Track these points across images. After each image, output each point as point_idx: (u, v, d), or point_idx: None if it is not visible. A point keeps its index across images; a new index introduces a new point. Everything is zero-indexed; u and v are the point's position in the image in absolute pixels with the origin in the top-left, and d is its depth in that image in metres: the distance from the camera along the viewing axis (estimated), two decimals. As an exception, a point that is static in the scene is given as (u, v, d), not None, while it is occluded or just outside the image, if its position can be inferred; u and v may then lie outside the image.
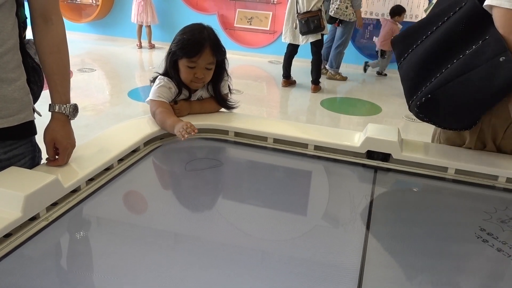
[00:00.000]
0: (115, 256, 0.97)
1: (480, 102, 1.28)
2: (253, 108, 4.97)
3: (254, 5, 7.29)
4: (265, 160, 1.55)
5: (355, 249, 1.03)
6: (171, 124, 1.46)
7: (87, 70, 6.08)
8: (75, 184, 1.14)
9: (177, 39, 1.58)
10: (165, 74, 1.63)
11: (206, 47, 1.53)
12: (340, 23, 6.00)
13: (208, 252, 1.01)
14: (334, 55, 6.29)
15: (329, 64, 6.39)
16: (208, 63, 1.57)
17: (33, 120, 1.23)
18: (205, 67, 1.57)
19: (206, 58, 1.55)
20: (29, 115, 1.20)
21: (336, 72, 6.39)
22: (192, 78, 1.57)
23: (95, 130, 3.96)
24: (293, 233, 1.11)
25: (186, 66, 1.56)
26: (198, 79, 1.58)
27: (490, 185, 1.37)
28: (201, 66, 1.56)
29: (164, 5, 7.57)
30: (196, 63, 1.55)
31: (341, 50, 6.23)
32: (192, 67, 1.55)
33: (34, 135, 1.26)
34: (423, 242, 1.12)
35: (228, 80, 1.72)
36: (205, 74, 1.58)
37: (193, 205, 1.18)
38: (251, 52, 7.34)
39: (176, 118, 1.49)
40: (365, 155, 1.48)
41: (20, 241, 0.95)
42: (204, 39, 1.54)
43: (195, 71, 1.56)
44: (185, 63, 1.56)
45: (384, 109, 5.13)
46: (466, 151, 1.54)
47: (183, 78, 1.59)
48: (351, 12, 5.83)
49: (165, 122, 1.49)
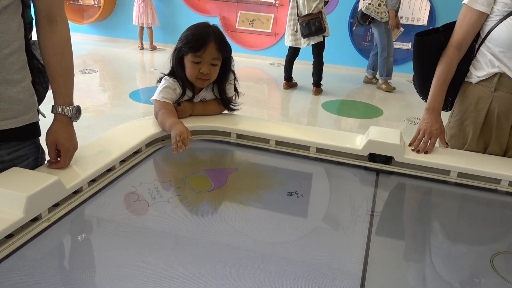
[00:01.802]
0: (117, 257, 0.97)
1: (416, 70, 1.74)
2: (254, 110, 4.97)
3: (256, 7, 7.30)
4: (267, 162, 1.54)
5: (357, 252, 1.03)
6: (169, 125, 1.46)
7: (88, 71, 6.09)
8: (77, 185, 1.14)
9: (182, 36, 1.59)
10: (170, 74, 1.63)
11: (210, 41, 1.54)
12: (371, 21, 5.64)
13: (209, 254, 1.00)
14: (380, 63, 5.84)
15: (379, 73, 5.96)
16: (213, 58, 1.56)
17: (37, 121, 1.23)
18: (211, 63, 1.57)
19: (211, 53, 1.55)
20: (33, 116, 1.19)
21: (385, 80, 5.91)
22: (197, 74, 1.57)
23: (96, 131, 3.96)
24: (295, 235, 1.11)
25: (192, 62, 1.56)
26: (204, 75, 1.58)
27: (492, 188, 1.37)
28: (206, 61, 1.56)
29: (166, 7, 7.58)
30: (201, 57, 1.55)
31: (386, 56, 5.73)
32: (197, 62, 1.55)
33: (38, 136, 1.25)
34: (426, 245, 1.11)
35: (234, 83, 1.72)
36: (211, 70, 1.58)
37: (194, 206, 1.18)
38: (252, 54, 7.34)
39: (175, 120, 1.49)
40: (367, 157, 1.48)
41: (22, 242, 0.95)
42: (208, 34, 1.54)
43: (200, 66, 1.56)
44: (190, 59, 1.56)
45: (385, 112, 5.12)
46: (469, 154, 1.54)
47: (189, 75, 1.59)
48: (383, 10, 5.49)
49: (164, 123, 1.49)
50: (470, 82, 1.61)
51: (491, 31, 1.50)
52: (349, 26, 6.72)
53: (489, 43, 1.52)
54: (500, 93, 1.54)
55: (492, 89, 1.54)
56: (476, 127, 1.60)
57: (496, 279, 0.97)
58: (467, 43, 1.57)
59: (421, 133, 1.55)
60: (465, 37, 1.55)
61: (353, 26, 6.48)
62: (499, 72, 1.52)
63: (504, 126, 1.56)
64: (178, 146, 1.36)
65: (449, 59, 1.58)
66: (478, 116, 1.59)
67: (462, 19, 1.56)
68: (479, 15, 1.52)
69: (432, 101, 1.60)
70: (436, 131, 1.56)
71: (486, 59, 1.54)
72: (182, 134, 1.38)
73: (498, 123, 1.56)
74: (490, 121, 1.58)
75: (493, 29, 1.50)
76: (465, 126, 1.64)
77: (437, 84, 1.59)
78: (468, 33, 1.55)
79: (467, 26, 1.54)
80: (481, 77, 1.57)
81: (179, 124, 1.45)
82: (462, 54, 1.59)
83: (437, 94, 1.59)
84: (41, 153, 1.29)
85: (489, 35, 1.52)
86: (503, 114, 1.55)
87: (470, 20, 1.53)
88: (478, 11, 1.51)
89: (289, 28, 5.43)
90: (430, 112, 1.60)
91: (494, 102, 1.55)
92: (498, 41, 1.49)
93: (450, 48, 1.58)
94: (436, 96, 1.59)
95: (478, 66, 1.58)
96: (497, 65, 1.51)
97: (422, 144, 1.50)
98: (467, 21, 1.54)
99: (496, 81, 1.53)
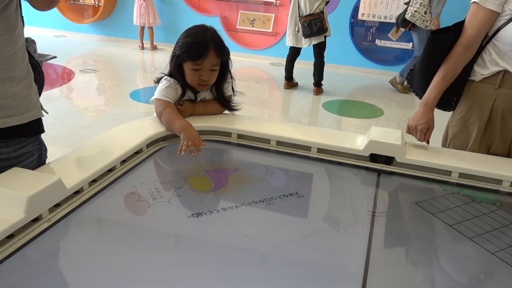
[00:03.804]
0: (118, 258, 0.96)
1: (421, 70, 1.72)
2: (255, 110, 4.97)
3: (257, 7, 7.29)
4: (268, 162, 1.54)
5: (359, 252, 1.03)
6: (179, 127, 1.46)
7: (89, 71, 6.08)
8: (78, 185, 1.13)
9: (180, 42, 1.57)
10: (170, 75, 1.63)
11: (210, 49, 1.53)
12: (412, 28, 5.49)
13: (210, 254, 1.00)
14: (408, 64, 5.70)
15: (401, 71, 5.83)
16: (213, 64, 1.57)
17: (41, 117, 1.23)
18: (210, 69, 1.57)
19: (211, 60, 1.55)
20: (38, 112, 1.21)
21: (402, 81, 5.79)
22: (197, 80, 1.57)
23: (97, 131, 3.96)
24: (295, 236, 1.11)
25: (191, 69, 1.56)
26: (204, 81, 1.58)
27: (494, 189, 1.37)
28: (206, 69, 1.56)
29: (166, 6, 7.58)
30: (201, 65, 1.54)
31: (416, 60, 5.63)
32: (197, 70, 1.55)
33: (42, 132, 1.26)
34: (428, 246, 1.11)
35: (232, 82, 1.72)
36: (210, 76, 1.58)
37: (195, 207, 1.18)
38: (253, 54, 7.34)
39: (185, 123, 1.49)
40: (368, 158, 1.48)
41: (23, 242, 0.95)
42: (208, 41, 1.53)
43: (200, 73, 1.56)
44: (190, 66, 1.56)
45: (386, 112, 5.12)
46: (470, 155, 1.54)
47: (189, 81, 1.59)
48: (429, 18, 5.31)
49: (173, 124, 1.49)
50: (474, 80, 1.61)
51: (500, 30, 1.50)
52: (350, 25, 6.71)
53: (497, 41, 1.52)
54: (505, 90, 1.53)
55: (496, 86, 1.54)
56: (480, 125, 1.60)
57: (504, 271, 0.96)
58: (476, 43, 1.55)
59: (407, 129, 1.59)
60: (475, 36, 1.53)
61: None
62: (503, 70, 1.52)
63: (509, 124, 1.56)
64: (190, 149, 1.36)
65: (455, 57, 1.56)
66: (482, 114, 1.59)
67: (472, 18, 1.53)
68: (490, 14, 1.49)
69: (426, 96, 1.61)
70: (421, 126, 1.57)
71: (490, 58, 1.54)
72: (195, 139, 1.40)
73: (502, 121, 1.56)
74: (494, 118, 1.57)
75: (503, 28, 1.49)
76: (469, 124, 1.63)
77: (436, 79, 1.59)
78: (478, 32, 1.52)
79: (477, 25, 1.51)
80: (485, 75, 1.57)
81: (191, 129, 1.45)
82: (471, 54, 1.57)
83: (433, 89, 1.59)
84: (44, 150, 1.30)
85: (498, 33, 1.51)
86: (508, 111, 1.55)
87: (481, 20, 1.50)
88: (489, 10, 1.49)
89: (290, 28, 5.42)
90: (421, 106, 1.61)
91: (498, 99, 1.55)
92: (507, 40, 1.48)
93: (458, 46, 1.56)
94: (432, 91, 1.59)
95: (482, 64, 1.58)
96: (502, 65, 1.52)
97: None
98: (478, 20, 1.51)
99: (500, 78, 1.53)
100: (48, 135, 3.77)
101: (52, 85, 5.38)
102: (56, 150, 3.52)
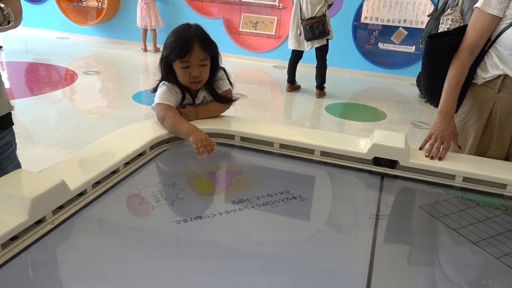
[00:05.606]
0: (121, 260, 0.96)
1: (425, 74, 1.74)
2: (258, 113, 4.97)
3: (259, 9, 7.29)
4: (271, 165, 1.54)
5: (362, 257, 1.02)
6: (186, 131, 1.47)
7: (92, 72, 6.10)
8: (81, 187, 1.13)
9: (166, 44, 1.58)
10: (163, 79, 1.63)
11: (194, 43, 1.53)
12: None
13: (212, 257, 1.00)
14: None
15: None
16: (201, 59, 1.56)
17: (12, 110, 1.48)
18: (199, 64, 1.56)
19: (198, 55, 1.54)
20: (11, 106, 1.45)
21: None
22: (189, 78, 1.57)
23: (99, 133, 3.96)
24: (299, 238, 1.10)
25: (180, 68, 1.56)
26: (195, 78, 1.57)
27: (498, 193, 1.36)
28: (194, 64, 1.55)
29: (169, 9, 7.59)
30: (189, 62, 1.54)
31: None
32: (186, 67, 1.55)
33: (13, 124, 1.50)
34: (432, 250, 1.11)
35: (225, 77, 1.71)
36: (201, 72, 1.57)
37: (198, 209, 1.18)
38: (256, 56, 7.34)
39: (191, 126, 1.49)
40: (371, 161, 1.47)
41: (26, 244, 0.95)
42: (191, 37, 1.53)
43: (190, 70, 1.55)
44: (179, 65, 1.56)
45: (389, 115, 5.11)
46: (474, 159, 1.54)
47: (181, 80, 1.59)
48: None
49: (178, 127, 1.49)
50: (476, 83, 1.62)
51: (502, 34, 1.51)
52: (353, 29, 6.71)
53: (499, 45, 1.53)
54: (504, 94, 1.54)
55: (495, 90, 1.55)
56: (478, 128, 1.61)
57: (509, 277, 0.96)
58: (479, 47, 1.57)
59: (433, 138, 1.52)
60: (477, 40, 1.55)
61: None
62: (503, 74, 1.53)
63: (506, 128, 1.57)
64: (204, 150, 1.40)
65: (462, 62, 1.57)
66: (480, 117, 1.60)
67: (474, 23, 1.56)
68: (492, 19, 1.52)
69: (444, 104, 1.57)
70: (448, 136, 1.53)
71: (492, 61, 1.56)
72: (205, 140, 1.42)
73: (500, 125, 1.57)
74: (492, 122, 1.58)
75: (504, 32, 1.51)
76: (467, 127, 1.64)
77: (449, 87, 1.57)
78: (480, 37, 1.55)
79: (480, 29, 1.54)
80: (486, 78, 1.58)
81: (198, 131, 1.47)
82: (474, 57, 1.59)
83: (449, 97, 1.57)
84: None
85: (499, 37, 1.53)
86: (506, 116, 1.56)
87: (483, 24, 1.53)
88: (491, 15, 1.51)
89: (292, 31, 5.42)
90: (442, 116, 1.56)
91: (497, 103, 1.56)
92: (507, 44, 1.50)
93: (462, 51, 1.57)
94: (449, 99, 1.57)
95: (484, 68, 1.60)
96: (501, 68, 1.53)
97: (434, 150, 1.48)
98: (480, 25, 1.54)
99: (500, 83, 1.54)
100: (51, 136, 3.81)
101: (55, 86, 5.39)
102: (59, 151, 3.53)
